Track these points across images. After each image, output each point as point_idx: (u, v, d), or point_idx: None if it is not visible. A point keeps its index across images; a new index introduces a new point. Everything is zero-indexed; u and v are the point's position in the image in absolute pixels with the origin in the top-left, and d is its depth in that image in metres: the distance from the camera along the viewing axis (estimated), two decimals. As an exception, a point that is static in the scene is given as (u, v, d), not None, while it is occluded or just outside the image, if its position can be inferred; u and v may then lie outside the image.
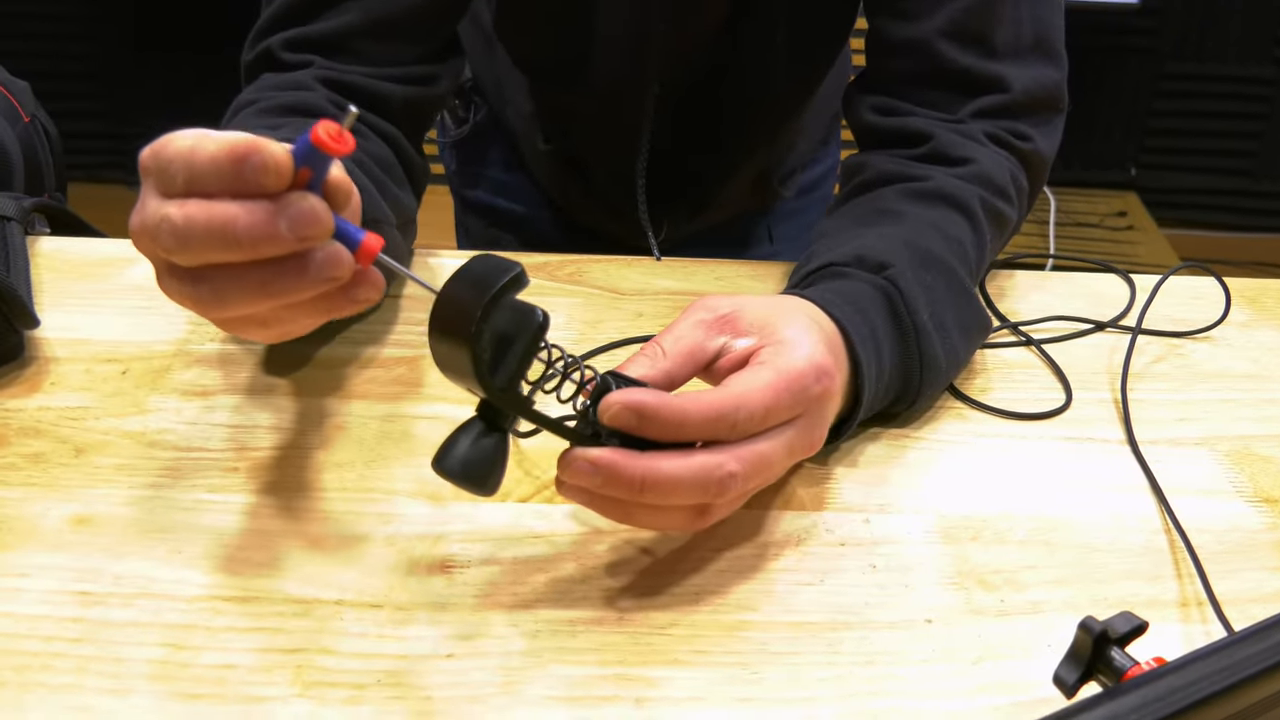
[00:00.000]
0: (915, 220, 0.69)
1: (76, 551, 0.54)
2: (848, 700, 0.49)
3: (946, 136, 0.74)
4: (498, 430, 0.48)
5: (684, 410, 0.50)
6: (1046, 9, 0.77)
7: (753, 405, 0.51)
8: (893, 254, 0.65)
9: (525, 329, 0.47)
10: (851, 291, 0.63)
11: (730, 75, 0.90)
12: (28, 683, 0.48)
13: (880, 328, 0.62)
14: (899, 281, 0.64)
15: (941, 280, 0.66)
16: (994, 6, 0.74)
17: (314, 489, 0.59)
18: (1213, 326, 0.78)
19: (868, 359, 0.60)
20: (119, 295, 0.75)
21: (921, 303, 0.64)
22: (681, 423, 0.50)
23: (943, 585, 0.55)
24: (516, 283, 0.46)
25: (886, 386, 0.63)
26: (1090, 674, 0.45)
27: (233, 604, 0.52)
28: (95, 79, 2.73)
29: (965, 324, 0.67)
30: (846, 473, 0.62)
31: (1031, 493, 0.62)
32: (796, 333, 0.55)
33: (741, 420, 0.51)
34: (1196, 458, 0.65)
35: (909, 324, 0.63)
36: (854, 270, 0.65)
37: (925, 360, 0.64)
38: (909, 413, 0.67)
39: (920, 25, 0.75)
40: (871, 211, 0.72)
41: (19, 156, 0.94)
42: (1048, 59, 0.77)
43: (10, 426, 0.62)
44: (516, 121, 1.01)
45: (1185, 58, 2.65)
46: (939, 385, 0.66)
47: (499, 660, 0.50)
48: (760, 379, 0.52)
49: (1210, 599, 0.54)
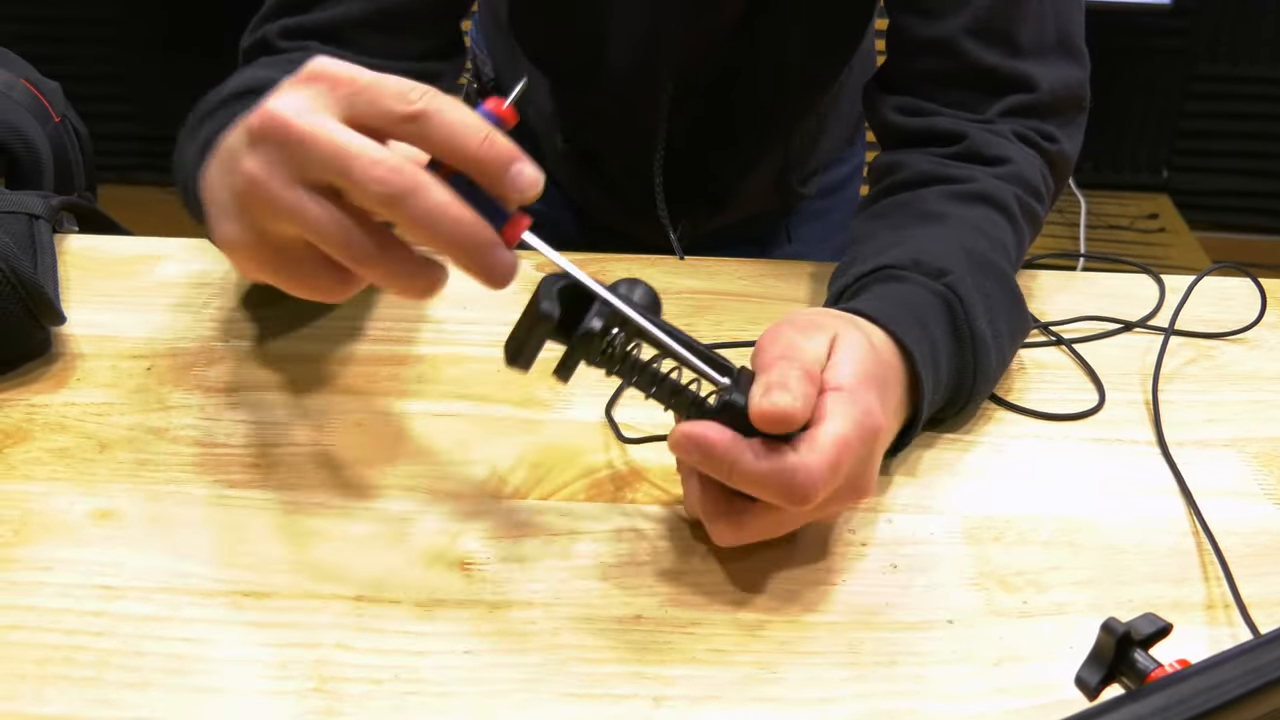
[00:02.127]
0: (960, 222, 0.69)
1: (99, 546, 0.55)
2: (867, 700, 0.49)
3: (980, 135, 0.74)
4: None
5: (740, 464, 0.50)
6: (1068, 5, 0.76)
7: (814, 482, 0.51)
8: (950, 259, 0.64)
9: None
10: (911, 299, 0.62)
11: (745, 73, 0.90)
12: (48, 675, 0.48)
13: (940, 340, 0.61)
14: (959, 289, 0.63)
15: (997, 286, 0.65)
16: (1018, 3, 0.74)
17: (334, 485, 0.59)
18: (1248, 328, 0.76)
19: (927, 379, 0.59)
20: (145, 293, 0.75)
21: (980, 310, 0.63)
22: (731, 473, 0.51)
23: (964, 586, 0.55)
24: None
25: (941, 397, 0.63)
26: (1113, 676, 0.44)
27: (252, 599, 0.52)
28: (126, 81, 2.75)
29: (1014, 329, 0.67)
30: (869, 472, 0.62)
31: (1057, 494, 0.61)
32: (851, 369, 0.54)
33: (800, 483, 0.50)
34: (1225, 459, 0.64)
35: (967, 333, 0.62)
36: (912, 275, 0.64)
37: (979, 368, 0.63)
38: (955, 419, 0.66)
39: (944, 23, 0.75)
40: (915, 214, 0.71)
41: (49, 156, 0.95)
42: (1071, 57, 0.76)
43: (35, 422, 0.63)
44: (537, 121, 1.01)
45: (1217, 59, 2.62)
46: (988, 391, 0.66)
47: (516, 657, 0.50)
48: (816, 444, 0.51)
49: (1237, 602, 0.53)
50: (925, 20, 0.76)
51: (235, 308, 0.74)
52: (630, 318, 0.50)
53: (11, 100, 0.94)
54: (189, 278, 0.77)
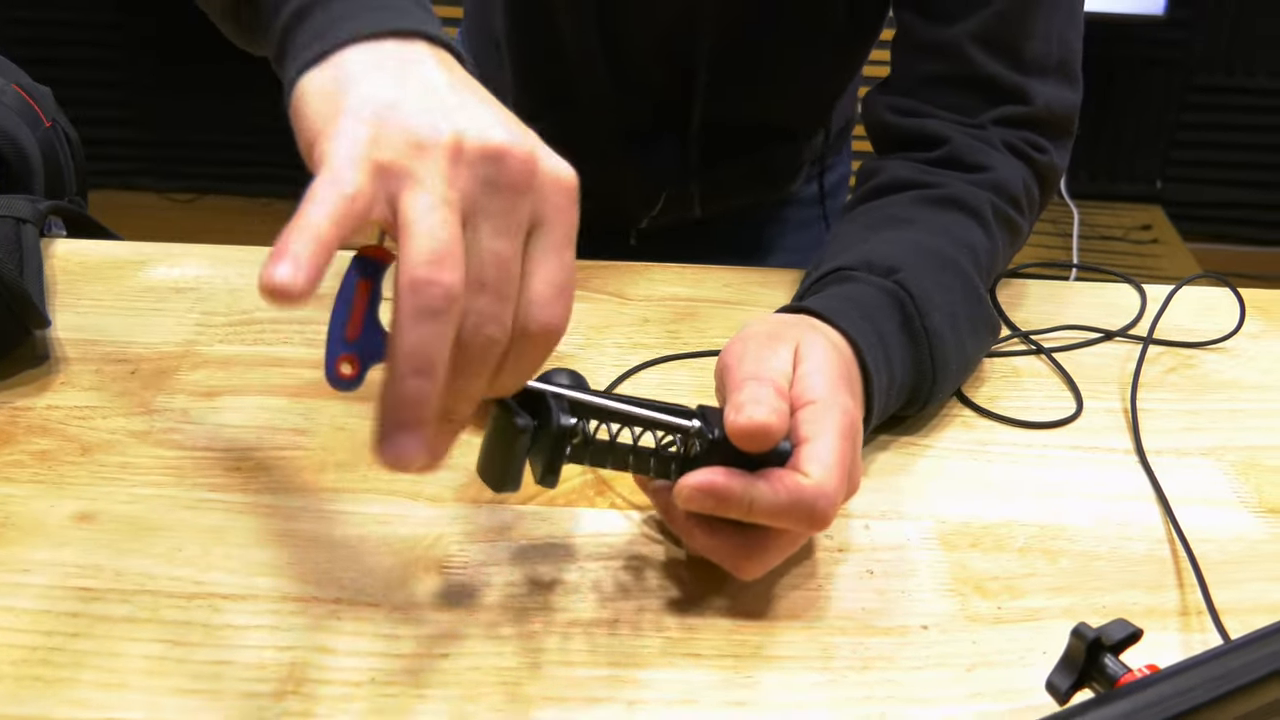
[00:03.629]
0: (926, 224, 0.70)
1: (79, 548, 0.55)
2: (840, 706, 0.49)
3: (964, 141, 0.74)
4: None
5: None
6: (1072, 32, 0.77)
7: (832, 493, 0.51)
8: (902, 257, 0.65)
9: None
10: (859, 296, 0.63)
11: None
12: (24, 676, 0.48)
13: (890, 334, 0.62)
14: (909, 285, 0.64)
15: (956, 280, 0.66)
16: (1027, 18, 0.74)
17: (314, 489, 0.59)
18: (1227, 338, 0.77)
19: (876, 369, 0.60)
20: (131, 297, 0.75)
21: (934, 304, 0.64)
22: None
23: (940, 592, 0.55)
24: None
25: (898, 392, 0.63)
26: (1083, 681, 0.44)
27: (230, 602, 0.52)
28: (122, 87, 2.76)
29: (976, 325, 0.67)
30: (848, 479, 0.62)
31: (1034, 501, 0.61)
32: (823, 384, 0.54)
33: (822, 508, 0.51)
34: (1203, 467, 0.64)
35: (920, 327, 0.63)
36: (862, 274, 0.65)
37: (937, 364, 0.63)
38: (919, 415, 0.66)
39: (952, 28, 0.75)
40: (883, 218, 0.72)
41: (39, 160, 0.96)
42: (1068, 82, 0.78)
43: (19, 425, 0.63)
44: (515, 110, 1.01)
45: (1212, 70, 2.63)
46: (951, 387, 0.66)
47: (494, 661, 0.50)
48: (823, 463, 0.51)
49: (1209, 608, 0.54)
50: (933, 23, 0.77)
51: (219, 312, 0.74)
52: (590, 401, 0.50)
53: (2, 104, 0.94)
54: (174, 282, 0.77)
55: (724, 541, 0.52)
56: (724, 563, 0.53)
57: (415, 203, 0.41)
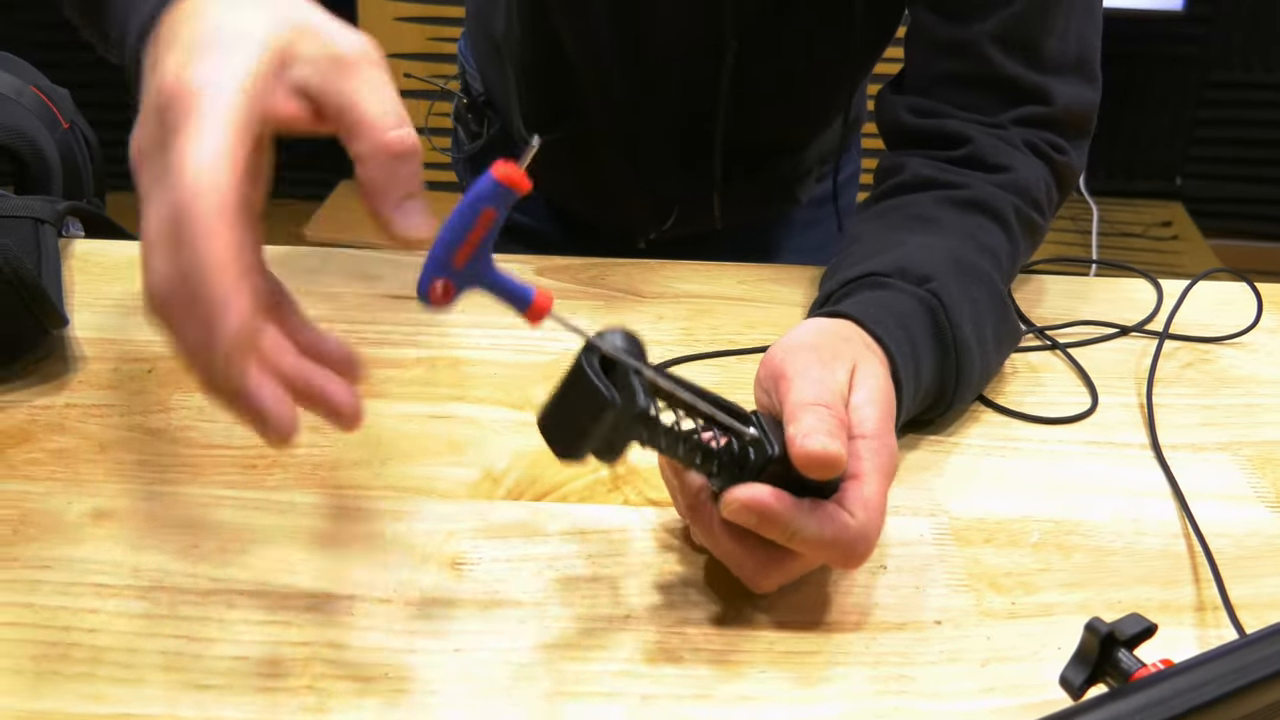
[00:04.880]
0: (953, 229, 0.69)
1: (96, 545, 0.55)
2: (852, 701, 0.49)
3: (986, 141, 0.74)
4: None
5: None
6: (1091, 29, 0.76)
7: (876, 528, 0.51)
8: (935, 266, 0.65)
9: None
10: (895, 304, 0.63)
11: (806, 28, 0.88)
12: (43, 671, 0.48)
13: (921, 343, 0.62)
14: (942, 295, 0.63)
15: (984, 292, 0.66)
16: (1045, 16, 0.74)
17: (329, 486, 0.60)
18: (1244, 332, 0.77)
19: (908, 379, 0.60)
20: (148, 296, 0.76)
21: (964, 315, 0.64)
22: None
23: (954, 587, 0.55)
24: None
25: (922, 398, 0.63)
26: (1097, 676, 0.44)
27: (245, 597, 0.53)
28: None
29: (1001, 336, 0.67)
30: (861, 475, 0.62)
31: (1049, 496, 0.61)
32: (874, 413, 0.54)
33: (861, 551, 0.51)
34: (1219, 462, 0.64)
35: (950, 338, 0.63)
36: (897, 282, 0.65)
37: (962, 373, 0.63)
38: (940, 420, 0.66)
39: (970, 26, 0.75)
40: (909, 218, 0.71)
41: (57, 162, 0.96)
42: (1087, 80, 0.77)
43: (38, 423, 0.63)
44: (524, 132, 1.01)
45: (1231, 66, 2.61)
46: (972, 395, 0.66)
47: (506, 656, 0.50)
48: (868, 505, 0.51)
49: (1225, 603, 0.53)
50: (950, 22, 0.76)
51: (237, 311, 0.74)
52: (661, 385, 0.48)
53: (20, 106, 0.95)
54: (192, 282, 0.77)
55: (748, 553, 0.52)
56: (740, 572, 0.53)
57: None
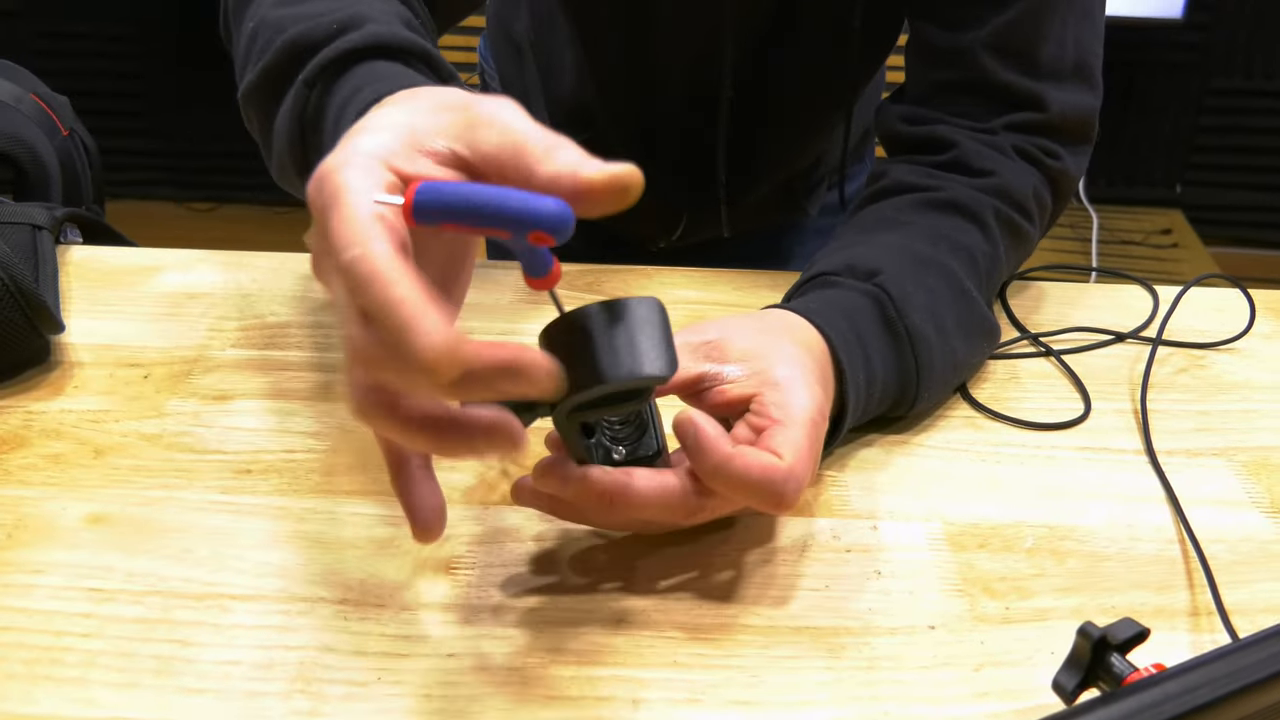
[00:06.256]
0: (919, 228, 0.69)
1: (90, 549, 0.55)
2: (845, 705, 0.49)
3: (971, 145, 0.74)
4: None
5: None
6: (1090, 34, 0.76)
7: (800, 476, 0.51)
8: (884, 260, 0.65)
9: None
10: (841, 300, 0.63)
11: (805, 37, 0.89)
12: (36, 675, 0.48)
13: (870, 334, 0.62)
14: (888, 287, 0.64)
15: (941, 282, 0.66)
16: (1041, 23, 0.74)
17: (323, 491, 0.60)
18: (1237, 338, 0.77)
19: (852, 365, 0.60)
20: (144, 302, 0.76)
21: (914, 305, 0.64)
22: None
23: (947, 592, 0.55)
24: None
25: (881, 392, 0.63)
26: (1090, 680, 0.44)
27: (239, 602, 0.53)
28: (141, 98, 2.79)
29: (966, 327, 0.67)
30: (856, 479, 0.62)
31: (1043, 502, 0.61)
32: (790, 370, 0.55)
33: (790, 492, 0.51)
34: (1213, 468, 0.64)
35: (901, 328, 0.63)
36: (843, 279, 0.65)
37: (920, 364, 0.63)
38: (910, 415, 0.66)
39: (964, 35, 0.75)
40: (879, 220, 0.72)
41: (56, 168, 0.97)
42: (1086, 85, 0.77)
43: (33, 428, 0.64)
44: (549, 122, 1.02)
45: (1231, 73, 2.62)
46: (939, 389, 0.66)
47: (500, 660, 0.50)
48: (795, 447, 0.52)
49: (1219, 608, 0.53)
50: (947, 30, 0.76)
51: (231, 317, 0.75)
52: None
53: (20, 113, 0.96)
54: (187, 288, 0.78)
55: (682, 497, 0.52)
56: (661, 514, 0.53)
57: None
